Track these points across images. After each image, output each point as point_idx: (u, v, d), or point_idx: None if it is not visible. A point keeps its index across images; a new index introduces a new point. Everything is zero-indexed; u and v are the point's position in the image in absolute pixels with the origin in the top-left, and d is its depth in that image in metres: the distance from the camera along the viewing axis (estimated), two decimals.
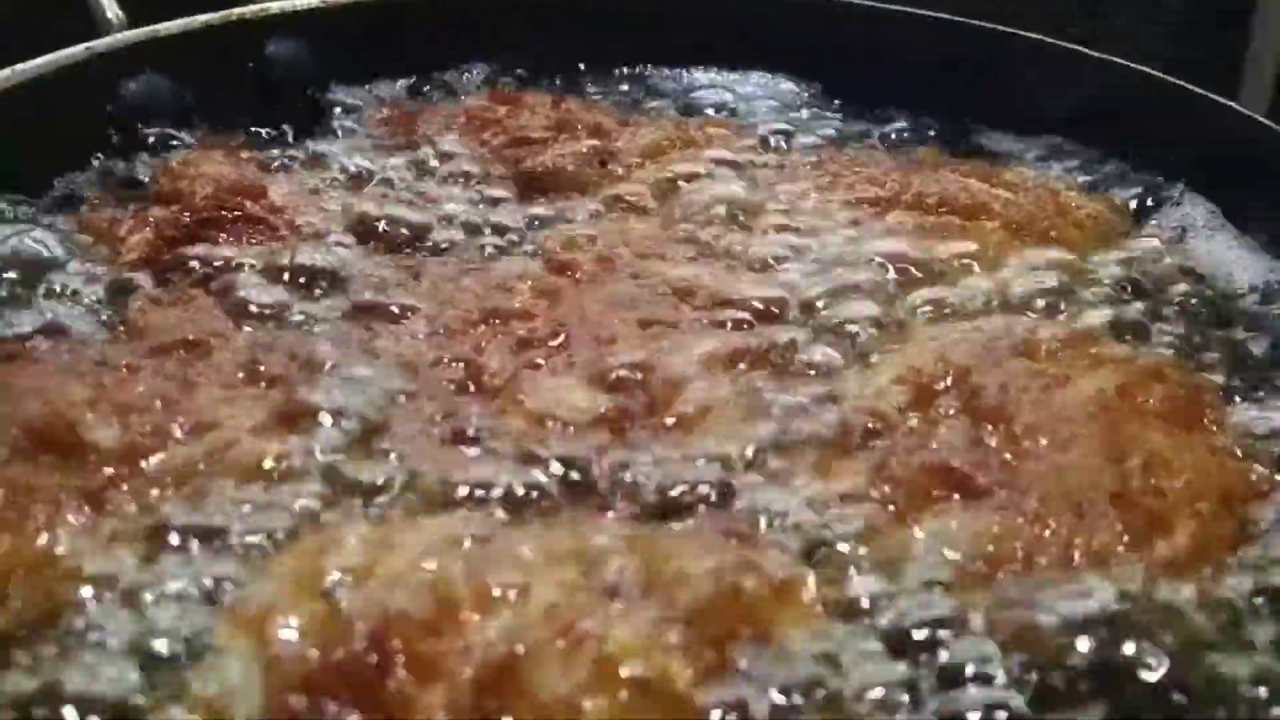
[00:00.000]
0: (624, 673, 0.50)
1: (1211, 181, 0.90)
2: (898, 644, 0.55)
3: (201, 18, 1.03)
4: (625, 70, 1.12)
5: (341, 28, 1.08)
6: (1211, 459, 0.64)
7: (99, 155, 0.95)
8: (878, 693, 0.53)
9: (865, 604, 0.57)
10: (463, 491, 0.63)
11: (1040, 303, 0.77)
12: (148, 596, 0.56)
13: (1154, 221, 0.89)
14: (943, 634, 0.55)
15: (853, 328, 0.75)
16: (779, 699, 0.51)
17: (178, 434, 0.65)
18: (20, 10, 1.12)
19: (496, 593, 0.54)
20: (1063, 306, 0.77)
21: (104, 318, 0.77)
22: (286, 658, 0.52)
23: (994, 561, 0.58)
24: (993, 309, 0.77)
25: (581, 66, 1.12)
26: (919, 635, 0.55)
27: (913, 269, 0.80)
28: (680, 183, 0.92)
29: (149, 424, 0.65)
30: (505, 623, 0.52)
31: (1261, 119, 0.91)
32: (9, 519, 0.60)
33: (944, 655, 0.54)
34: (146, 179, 0.93)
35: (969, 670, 0.54)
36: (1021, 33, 1.04)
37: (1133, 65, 0.98)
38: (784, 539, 0.60)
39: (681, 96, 1.09)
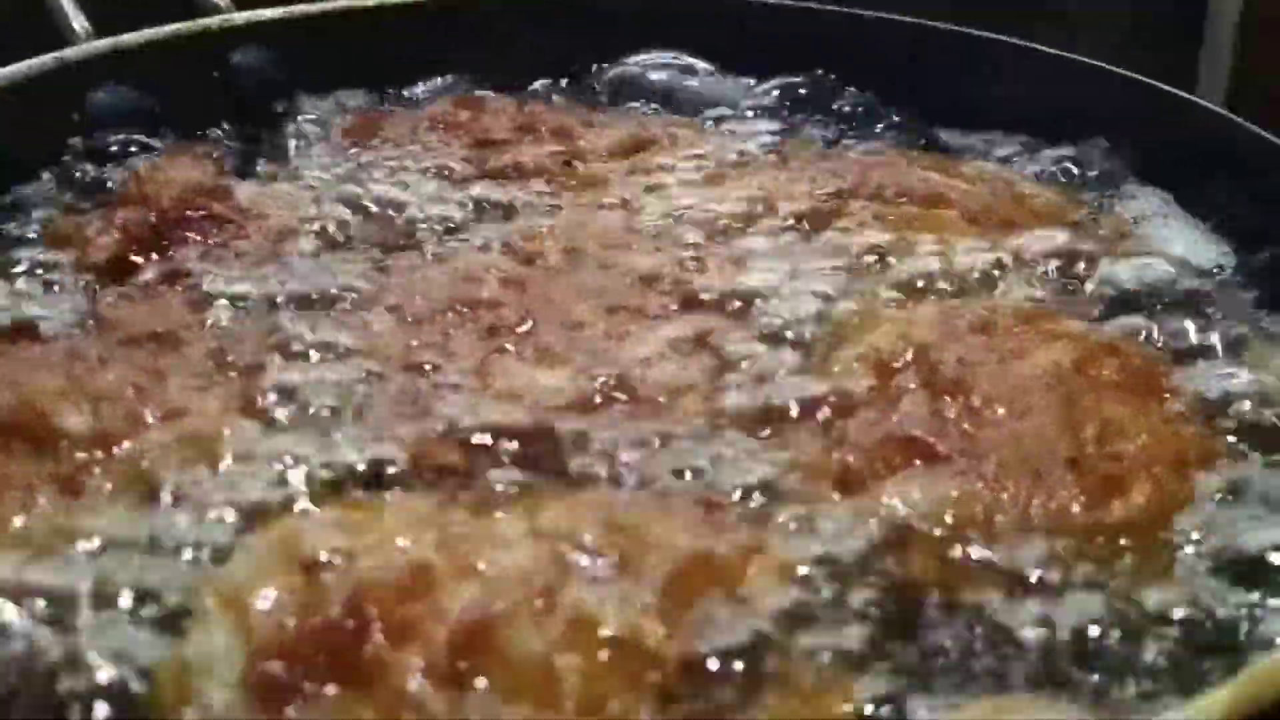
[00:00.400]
0: (597, 632, 0.51)
1: (1165, 171, 0.92)
2: (862, 601, 0.56)
3: (168, 27, 1.05)
4: (586, 76, 1.13)
5: (306, 38, 1.09)
6: (1166, 427, 0.65)
7: (64, 161, 0.96)
8: (843, 643, 0.54)
9: (827, 565, 0.58)
10: (434, 472, 0.64)
11: (998, 285, 0.79)
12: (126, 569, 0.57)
13: (1109, 209, 0.91)
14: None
15: (814, 312, 0.76)
16: (748, 654, 0.52)
17: (149, 421, 0.65)
18: None
19: (470, 562, 0.54)
20: (1018, 288, 0.79)
21: (73, 315, 0.77)
22: (263, 627, 0.52)
23: (955, 523, 0.59)
24: (951, 291, 0.78)
25: (537, 85, 1.14)
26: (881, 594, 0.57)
27: (872, 256, 0.81)
28: (645, 180, 0.94)
29: (121, 411, 0.65)
30: (479, 588, 0.53)
31: (1218, 109, 0.94)
32: None
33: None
34: (113, 185, 0.94)
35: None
36: (981, 33, 1.06)
37: (1088, 61, 1.00)
38: (750, 507, 0.61)
39: (642, 99, 1.10)
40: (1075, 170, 0.96)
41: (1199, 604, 0.57)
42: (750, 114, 1.07)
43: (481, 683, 0.50)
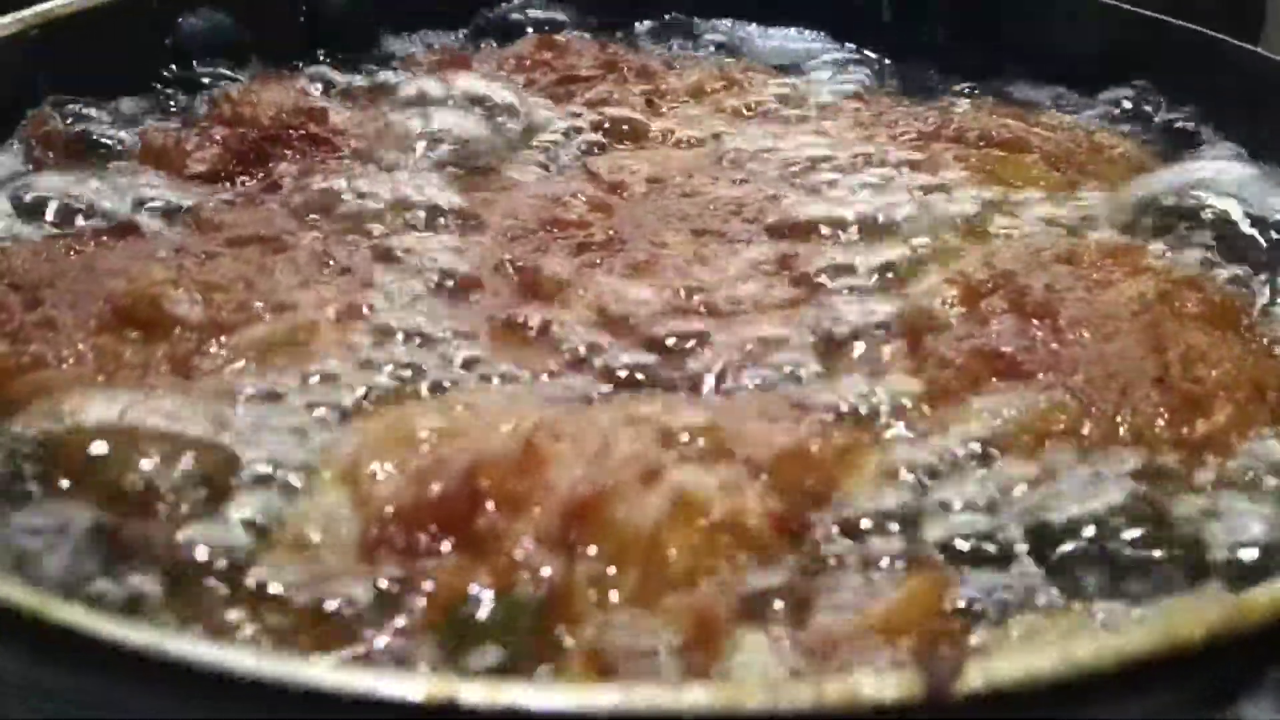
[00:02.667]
0: (701, 510, 0.53)
1: (1236, 122, 0.93)
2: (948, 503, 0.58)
3: None
4: (666, 20, 1.15)
5: None
6: (1247, 355, 0.67)
7: (154, 82, 0.99)
8: (949, 536, 0.56)
9: (919, 469, 0.59)
10: (537, 369, 0.66)
11: (1082, 222, 0.81)
12: (239, 450, 0.59)
13: (1183, 160, 0.92)
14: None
15: (898, 241, 0.78)
16: (847, 541, 0.54)
17: (259, 311, 0.67)
18: None
19: (575, 444, 0.56)
20: (1102, 227, 0.80)
21: (176, 218, 0.79)
22: (379, 498, 0.55)
23: (1041, 434, 0.61)
24: (1036, 227, 0.80)
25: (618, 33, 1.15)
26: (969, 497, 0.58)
27: (956, 191, 0.83)
28: (726, 118, 0.96)
29: (232, 302, 0.68)
30: (587, 467, 0.55)
31: None
32: (98, 382, 0.63)
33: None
34: (203, 106, 0.97)
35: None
36: None
37: (1158, 16, 1.01)
38: (844, 410, 0.63)
39: (722, 48, 1.12)
40: (1148, 121, 0.97)
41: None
42: (827, 66, 1.09)
43: (590, 551, 0.52)
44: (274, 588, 0.52)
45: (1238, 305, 0.71)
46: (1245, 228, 0.80)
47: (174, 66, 1.00)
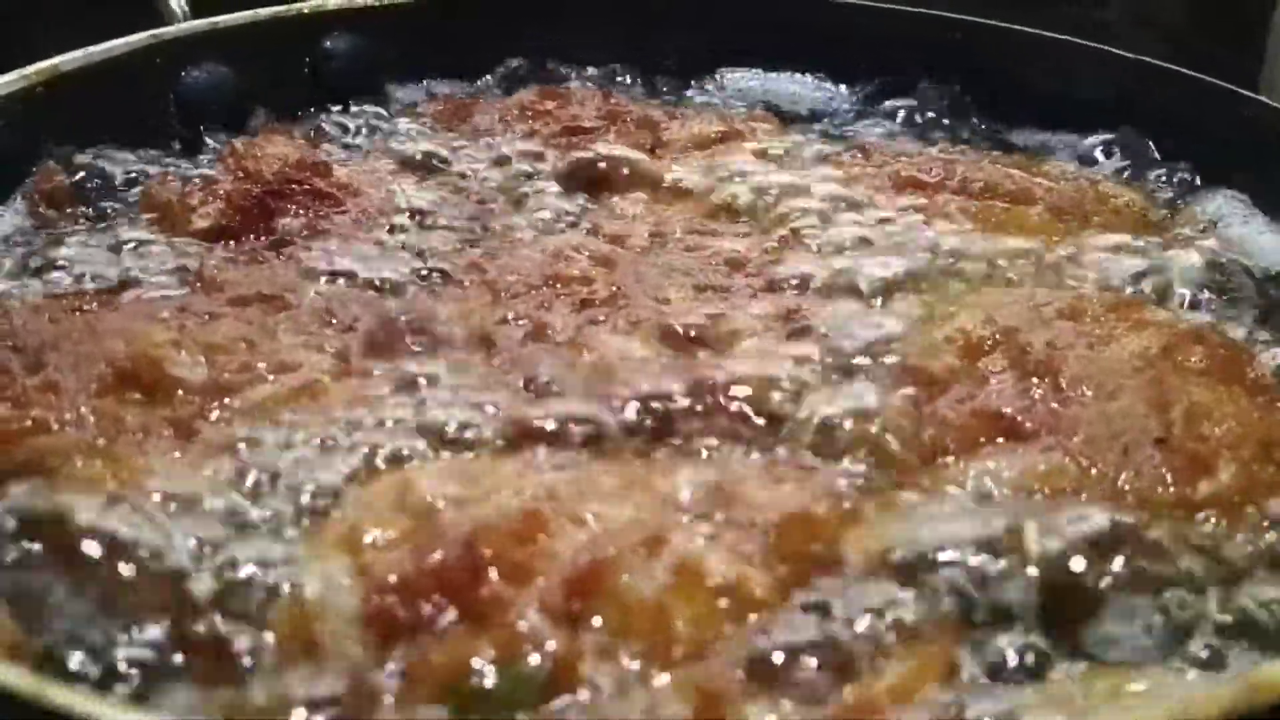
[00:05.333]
0: (704, 578, 0.53)
1: (1242, 172, 0.94)
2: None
3: (265, 11, 1.07)
4: (667, 71, 1.16)
5: (395, 24, 1.12)
6: (1252, 411, 0.66)
7: (158, 135, 0.99)
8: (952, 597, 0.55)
9: (921, 531, 0.59)
10: (537, 432, 0.65)
11: (1085, 276, 0.81)
12: (239, 514, 0.59)
13: (1187, 209, 0.92)
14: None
15: (902, 296, 0.78)
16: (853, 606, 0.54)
17: (261, 373, 0.67)
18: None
19: (579, 511, 0.56)
20: (1105, 280, 0.80)
21: (175, 276, 0.79)
22: (379, 566, 0.54)
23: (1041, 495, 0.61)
24: (1037, 282, 0.80)
25: (620, 74, 1.16)
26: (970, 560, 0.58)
27: (960, 243, 0.83)
28: (728, 168, 0.96)
29: (234, 363, 0.68)
30: (590, 534, 0.55)
31: None
32: (99, 446, 0.63)
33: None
34: (208, 160, 0.97)
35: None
36: (1051, 34, 1.08)
37: (1163, 64, 1.01)
38: (845, 472, 0.63)
39: (720, 95, 1.13)
40: (1152, 171, 0.97)
41: None
42: (826, 114, 1.09)
43: (595, 621, 0.51)
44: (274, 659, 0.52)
45: (1243, 357, 0.71)
46: (1250, 280, 0.81)
47: (178, 121, 1.00)
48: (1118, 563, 0.56)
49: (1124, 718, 0.42)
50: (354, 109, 1.07)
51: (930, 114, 1.08)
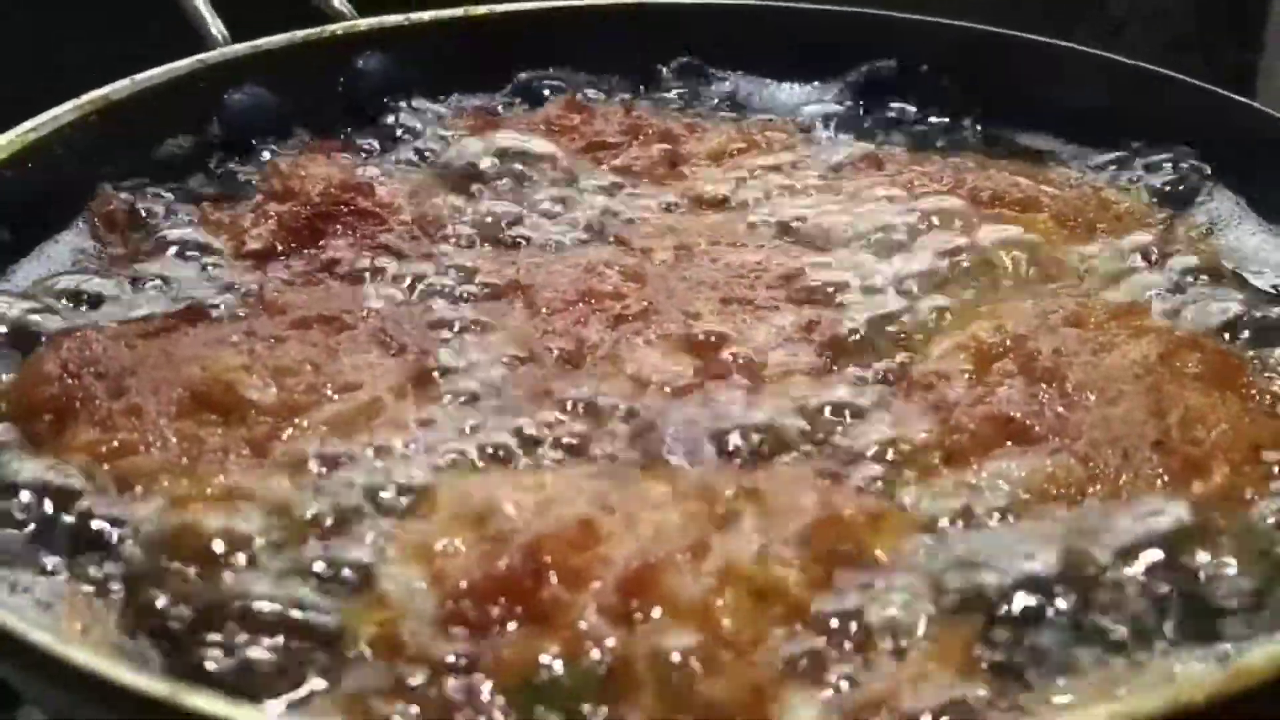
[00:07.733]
0: (747, 579, 0.59)
1: (1238, 176, 0.99)
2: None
3: (300, 33, 1.12)
4: (680, 84, 1.20)
5: (424, 42, 1.17)
6: (1245, 415, 0.72)
7: (205, 158, 1.05)
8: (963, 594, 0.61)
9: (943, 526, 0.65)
10: (581, 445, 0.71)
11: (1088, 283, 0.86)
12: (317, 527, 0.65)
13: (1186, 214, 0.97)
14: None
15: (915, 305, 0.83)
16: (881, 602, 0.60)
17: (327, 393, 0.73)
18: (132, 28, 1.20)
19: (627, 519, 0.62)
20: (1108, 286, 0.86)
21: (236, 299, 0.85)
22: (451, 571, 0.60)
23: (1047, 495, 0.66)
24: (1045, 288, 0.85)
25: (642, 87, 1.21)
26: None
27: (971, 250, 0.88)
28: (747, 180, 1.01)
29: (301, 384, 0.73)
30: (639, 540, 0.61)
31: None
32: (183, 465, 0.69)
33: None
34: (254, 182, 1.02)
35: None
36: (1052, 40, 1.13)
37: (1163, 71, 1.06)
38: (871, 476, 0.68)
39: (735, 105, 1.18)
40: (1151, 176, 1.02)
41: None
42: (838, 123, 1.14)
43: (648, 622, 0.57)
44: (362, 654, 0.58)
45: (1238, 364, 0.77)
46: (1245, 284, 0.86)
47: (223, 143, 1.06)
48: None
49: (1116, 707, 0.48)
50: (385, 126, 1.11)
51: (936, 121, 1.13)
